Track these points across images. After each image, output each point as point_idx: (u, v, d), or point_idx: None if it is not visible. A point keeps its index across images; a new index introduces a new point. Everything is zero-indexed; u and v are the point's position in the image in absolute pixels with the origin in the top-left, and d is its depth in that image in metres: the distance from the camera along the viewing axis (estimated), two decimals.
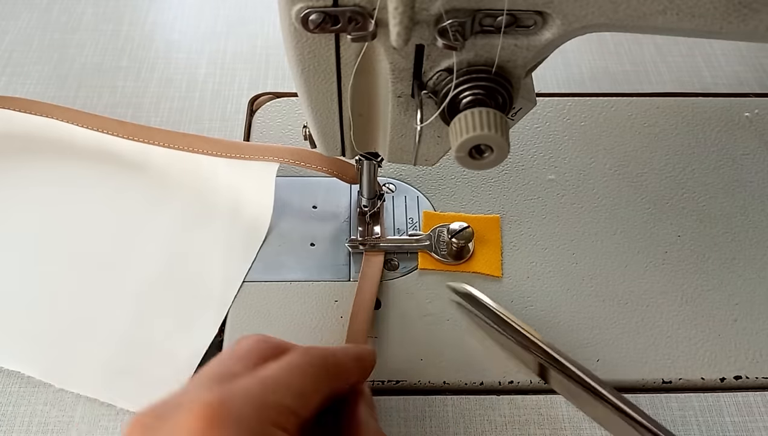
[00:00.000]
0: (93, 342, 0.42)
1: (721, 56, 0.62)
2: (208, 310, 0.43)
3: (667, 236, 0.48)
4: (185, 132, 0.52)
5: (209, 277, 0.45)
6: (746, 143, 0.54)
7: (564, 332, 0.44)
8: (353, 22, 0.28)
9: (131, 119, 0.55)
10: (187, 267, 0.45)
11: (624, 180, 0.51)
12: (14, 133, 0.51)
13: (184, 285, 0.44)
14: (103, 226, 0.47)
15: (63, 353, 0.41)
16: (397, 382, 0.41)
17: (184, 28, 0.64)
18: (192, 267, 0.45)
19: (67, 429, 0.39)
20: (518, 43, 0.29)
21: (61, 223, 0.47)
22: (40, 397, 0.41)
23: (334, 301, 0.45)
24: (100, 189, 0.49)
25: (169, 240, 0.46)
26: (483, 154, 0.29)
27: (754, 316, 0.44)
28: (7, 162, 0.50)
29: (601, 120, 0.55)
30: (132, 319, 0.43)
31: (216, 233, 0.47)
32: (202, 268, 0.45)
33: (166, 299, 0.44)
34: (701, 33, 0.29)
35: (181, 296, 0.44)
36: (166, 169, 0.50)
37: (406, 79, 0.31)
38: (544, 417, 0.40)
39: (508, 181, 0.51)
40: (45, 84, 0.58)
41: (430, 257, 0.46)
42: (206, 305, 0.43)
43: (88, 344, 0.42)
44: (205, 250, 0.46)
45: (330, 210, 0.49)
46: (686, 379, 0.42)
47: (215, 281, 0.44)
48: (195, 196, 0.49)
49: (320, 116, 0.35)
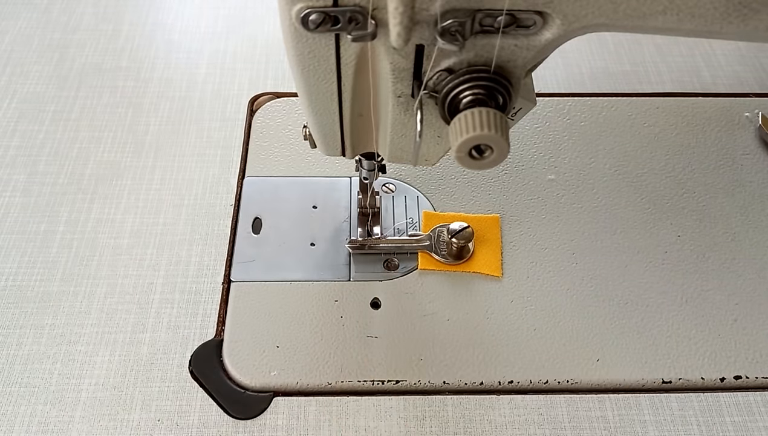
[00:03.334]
0: None
1: (721, 56, 0.62)
2: None
3: (667, 236, 0.48)
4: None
5: None
6: (746, 143, 0.54)
7: (564, 332, 0.44)
8: (353, 22, 0.28)
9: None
10: None
11: (624, 180, 0.51)
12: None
13: None
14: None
15: None
16: (397, 382, 0.41)
17: (184, 28, 0.64)
18: None
19: (67, 429, 0.39)
20: (518, 43, 0.29)
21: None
22: (40, 397, 0.41)
23: (334, 301, 0.45)
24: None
25: None
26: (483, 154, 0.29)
27: (754, 316, 0.44)
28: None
29: (601, 120, 0.55)
30: None
31: None
32: None
33: None
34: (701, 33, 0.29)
35: None
36: None
37: (406, 79, 0.31)
38: (544, 417, 0.40)
39: (508, 181, 0.51)
40: (45, 84, 0.58)
41: (430, 257, 0.46)
42: None
43: None
44: None
45: (330, 210, 0.49)
46: (686, 379, 0.42)
47: None
48: None
49: (320, 116, 0.35)
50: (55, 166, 0.52)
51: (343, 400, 0.41)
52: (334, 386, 0.42)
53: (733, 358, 0.43)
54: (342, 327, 0.43)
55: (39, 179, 0.52)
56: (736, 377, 0.42)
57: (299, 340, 0.43)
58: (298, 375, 0.42)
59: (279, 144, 0.53)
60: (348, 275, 0.46)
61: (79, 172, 0.52)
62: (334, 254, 0.47)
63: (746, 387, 0.42)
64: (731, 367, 0.42)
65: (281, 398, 0.41)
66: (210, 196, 0.51)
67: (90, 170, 0.52)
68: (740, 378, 0.42)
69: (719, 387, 0.42)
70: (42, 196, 0.51)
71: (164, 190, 0.51)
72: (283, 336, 0.43)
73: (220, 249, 0.48)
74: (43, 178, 0.52)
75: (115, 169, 0.52)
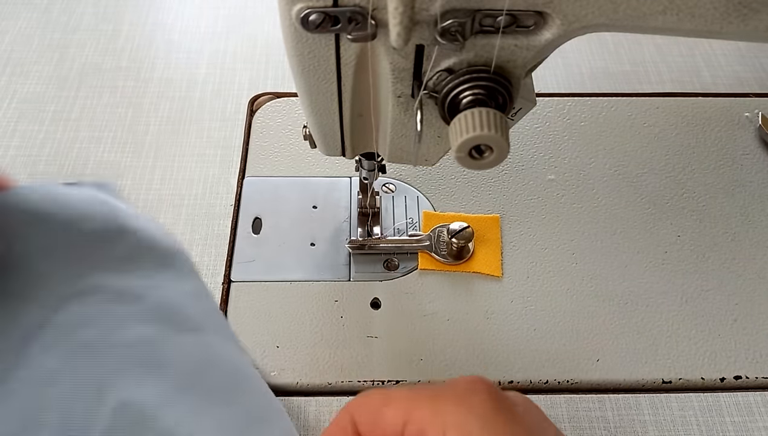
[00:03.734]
0: None
1: (721, 56, 0.62)
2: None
3: (667, 236, 0.48)
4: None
5: None
6: (746, 143, 0.54)
7: (564, 332, 0.44)
8: (353, 22, 0.28)
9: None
10: None
11: (624, 180, 0.51)
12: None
13: None
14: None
15: None
16: (397, 382, 0.41)
17: (184, 28, 0.64)
18: None
19: None
20: (518, 43, 0.29)
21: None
22: None
23: (334, 301, 0.45)
24: None
25: None
26: (483, 154, 0.29)
27: (754, 316, 0.44)
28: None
29: (601, 120, 0.55)
30: None
31: None
32: None
33: None
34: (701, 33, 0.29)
35: None
36: None
37: (406, 79, 0.31)
38: None
39: (508, 181, 0.51)
40: (45, 84, 0.58)
41: (430, 257, 0.46)
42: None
43: None
44: None
45: (330, 210, 0.49)
46: (686, 379, 0.42)
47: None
48: None
49: (320, 116, 0.35)
50: (55, 166, 0.52)
51: (343, 400, 0.41)
52: (334, 386, 0.42)
53: (733, 358, 0.43)
54: (342, 327, 0.43)
55: (39, 179, 0.52)
56: (736, 377, 0.42)
57: (299, 340, 0.43)
58: (298, 375, 0.42)
59: (279, 144, 0.53)
60: (348, 275, 0.46)
61: (79, 172, 0.52)
62: (334, 254, 0.47)
63: (746, 387, 0.42)
64: (731, 367, 0.42)
65: (281, 398, 0.41)
66: (210, 197, 0.51)
67: (90, 170, 0.52)
68: (740, 378, 0.42)
69: (719, 387, 0.42)
70: None
71: (164, 190, 0.51)
72: (283, 336, 0.43)
73: (220, 249, 0.48)
74: (43, 178, 0.52)
75: (115, 169, 0.52)
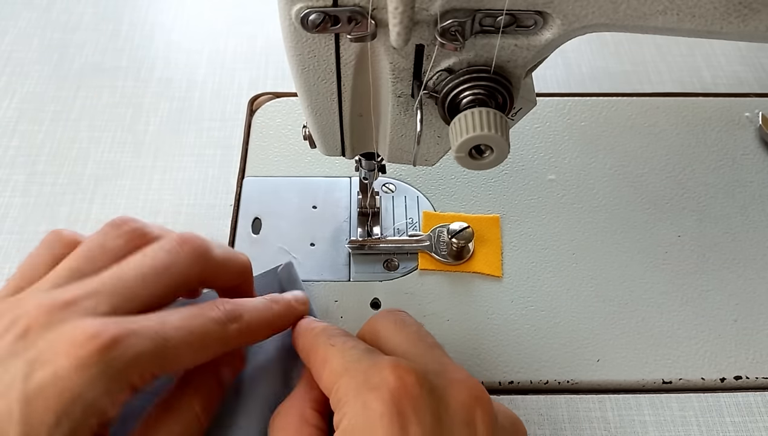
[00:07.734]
0: None
1: (721, 56, 0.62)
2: None
3: (667, 237, 0.48)
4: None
5: None
6: (746, 143, 0.54)
7: (564, 332, 0.44)
8: (353, 22, 0.28)
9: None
10: None
11: (624, 180, 0.51)
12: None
13: None
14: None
15: None
16: None
17: (184, 28, 0.64)
18: None
19: None
20: (518, 43, 0.29)
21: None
22: None
23: (334, 301, 0.45)
24: None
25: None
26: (483, 154, 0.30)
27: (754, 316, 0.44)
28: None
29: (601, 120, 0.55)
30: None
31: None
32: None
33: None
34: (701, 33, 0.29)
35: None
36: None
37: (406, 79, 0.31)
38: (544, 417, 0.40)
39: (508, 181, 0.51)
40: (45, 84, 0.58)
41: (430, 257, 0.46)
42: None
43: None
44: None
45: (330, 210, 0.49)
46: (686, 379, 0.42)
47: None
48: None
49: (320, 116, 0.35)
50: (54, 166, 0.52)
51: None
52: None
53: (733, 358, 0.43)
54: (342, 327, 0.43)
55: (38, 179, 0.52)
56: (736, 378, 0.42)
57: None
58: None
59: (279, 144, 0.53)
60: (348, 275, 0.46)
61: (78, 172, 0.52)
62: (334, 254, 0.47)
63: (746, 387, 0.42)
64: (731, 367, 0.42)
65: None
66: (209, 197, 0.51)
67: (89, 170, 0.52)
68: (740, 378, 0.42)
69: (719, 387, 0.42)
70: (41, 197, 0.51)
71: (164, 190, 0.51)
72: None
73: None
74: (43, 178, 0.52)
75: (115, 169, 0.52)
